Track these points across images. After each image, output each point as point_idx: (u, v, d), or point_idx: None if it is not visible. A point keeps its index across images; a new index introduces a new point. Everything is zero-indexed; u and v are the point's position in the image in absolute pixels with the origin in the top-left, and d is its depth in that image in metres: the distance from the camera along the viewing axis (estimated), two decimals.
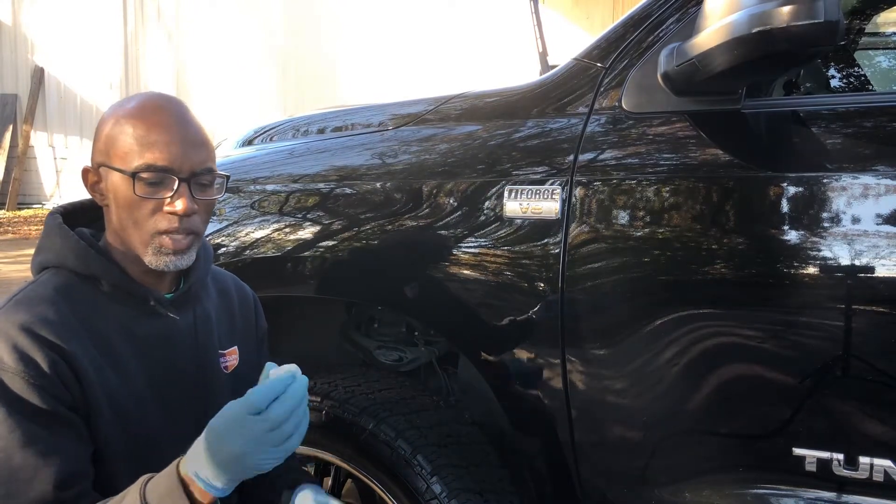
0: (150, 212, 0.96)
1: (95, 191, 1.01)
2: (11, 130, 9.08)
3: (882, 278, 0.99)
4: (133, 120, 0.97)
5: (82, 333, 0.94)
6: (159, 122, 0.96)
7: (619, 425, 1.17)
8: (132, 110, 0.98)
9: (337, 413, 1.38)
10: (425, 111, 1.42)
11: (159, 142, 0.95)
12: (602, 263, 1.14)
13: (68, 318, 0.94)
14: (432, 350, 1.54)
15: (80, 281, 0.98)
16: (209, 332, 1.10)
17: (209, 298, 1.13)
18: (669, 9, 1.18)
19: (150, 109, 0.98)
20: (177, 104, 1.01)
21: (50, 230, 1.02)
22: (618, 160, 1.17)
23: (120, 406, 0.95)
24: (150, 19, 9.10)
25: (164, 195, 0.96)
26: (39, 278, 1.00)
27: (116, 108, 1.00)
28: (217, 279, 1.18)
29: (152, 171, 0.95)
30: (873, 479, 1.02)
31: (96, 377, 0.93)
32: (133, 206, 0.96)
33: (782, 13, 0.91)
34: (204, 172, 0.99)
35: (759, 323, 1.07)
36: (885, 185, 1.00)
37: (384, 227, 1.33)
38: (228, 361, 1.13)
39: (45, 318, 0.92)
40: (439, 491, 1.28)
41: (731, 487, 1.11)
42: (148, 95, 1.01)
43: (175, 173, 0.96)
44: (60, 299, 0.95)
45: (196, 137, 0.99)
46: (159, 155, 0.95)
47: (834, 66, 2.22)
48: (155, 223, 0.97)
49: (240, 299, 1.20)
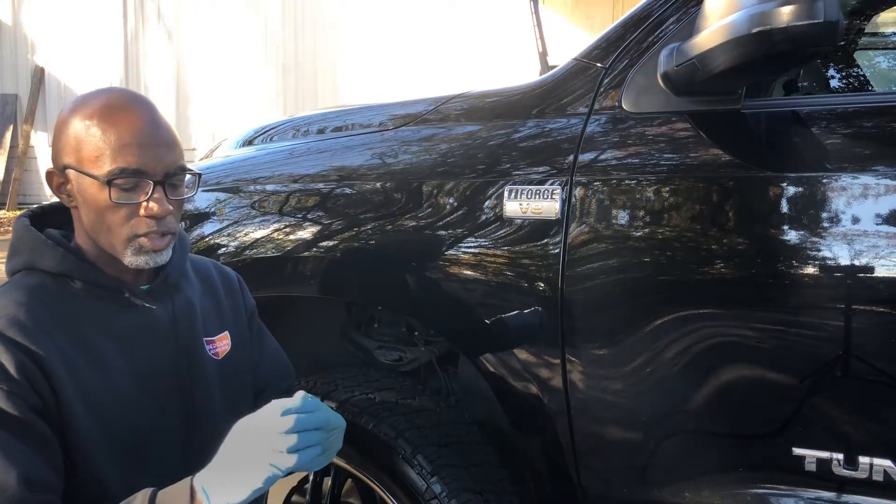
0: (126, 216, 0.94)
1: (62, 192, 0.98)
2: (12, 130, 9.08)
3: (882, 278, 0.99)
4: (101, 121, 0.93)
5: (56, 334, 0.92)
6: (129, 123, 0.93)
7: (619, 425, 1.17)
8: (99, 110, 0.94)
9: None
10: (425, 111, 1.42)
11: (132, 144, 0.92)
12: (602, 263, 1.14)
13: (41, 318, 0.92)
14: (432, 350, 1.54)
15: (53, 280, 0.96)
16: (192, 321, 1.08)
17: (191, 287, 1.11)
18: (669, 9, 1.18)
19: (119, 109, 0.94)
20: (145, 103, 0.98)
21: (18, 233, 1.00)
22: (618, 160, 1.17)
23: (99, 405, 0.93)
24: (150, 19, 9.09)
25: (138, 199, 0.94)
26: (9, 281, 0.98)
27: (79, 107, 0.96)
28: (197, 267, 1.16)
29: (126, 176, 0.93)
30: (873, 479, 1.02)
31: (70, 378, 0.91)
32: (108, 210, 0.94)
33: (782, 13, 0.91)
34: (177, 172, 0.97)
35: (758, 323, 1.07)
36: (885, 185, 1.00)
37: (384, 227, 1.33)
38: (218, 348, 1.11)
39: (15, 320, 0.90)
40: (439, 491, 1.28)
41: (731, 487, 1.11)
42: (113, 93, 0.97)
43: (150, 176, 0.94)
44: (33, 300, 0.93)
45: (167, 138, 0.96)
46: (132, 159, 0.92)
47: (834, 66, 2.22)
48: (132, 227, 0.95)
49: (223, 282, 1.18)
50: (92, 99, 0.96)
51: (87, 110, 0.94)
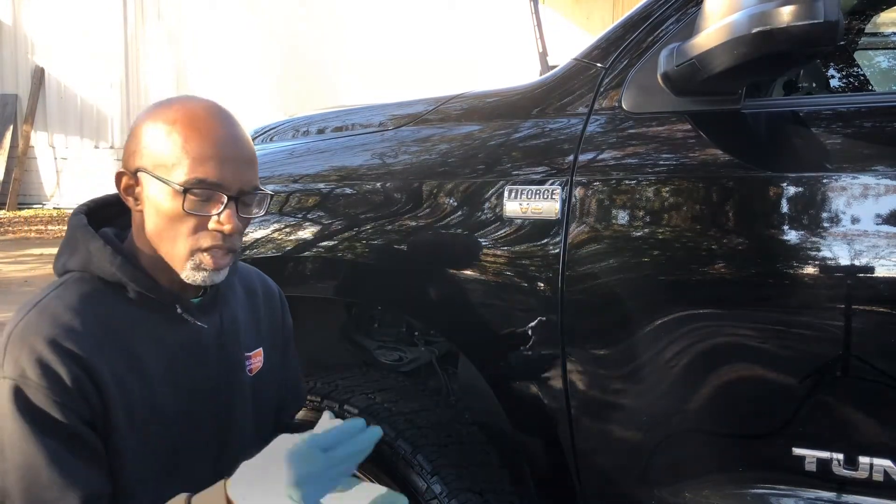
0: (194, 228, 0.93)
1: (129, 195, 0.96)
2: (12, 130, 9.08)
3: (882, 278, 0.99)
4: (183, 129, 0.91)
5: (107, 344, 0.90)
6: (212, 134, 0.92)
7: (619, 425, 1.17)
8: (181, 117, 0.92)
9: (337, 413, 1.38)
10: (425, 111, 1.42)
11: (212, 157, 0.91)
12: (602, 263, 1.14)
13: (93, 327, 0.90)
14: (432, 350, 1.54)
15: (105, 287, 0.94)
16: (236, 336, 1.06)
17: (236, 299, 1.09)
18: (669, 9, 1.18)
19: (203, 119, 0.92)
20: (228, 116, 0.96)
21: (74, 231, 0.97)
22: (618, 160, 1.17)
23: (141, 417, 0.92)
24: (150, 19, 9.10)
25: (210, 212, 0.92)
26: (63, 282, 0.95)
27: (159, 112, 0.94)
28: (243, 277, 1.14)
29: (204, 188, 0.91)
30: (873, 479, 1.02)
31: (118, 390, 0.90)
32: (177, 219, 0.92)
33: (782, 13, 0.91)
34: (251, 191, 0.96)
35: (758, 323, 1.07)
36: (885, 185, 1.00)
37: (384, 227, 1.33)
38: (253, 364, 1.09)
39: (70, 329, 0.88)
40: (439, 491, 1.28)
41: (731, 487, 1.11)
42: (197, 102, 0.95)
43: (225, 191, 0.92)
44: (85, 308, 0.91)
45: (247, 155, 0.95)
46: (211, 171, 0.91)
47: (834, 66, 2.22)
48: (197, 240, 0.93)
49: (265, 298, 1.16)
50: (175, 104, 0.94)
51: (169, 115, 0.93)
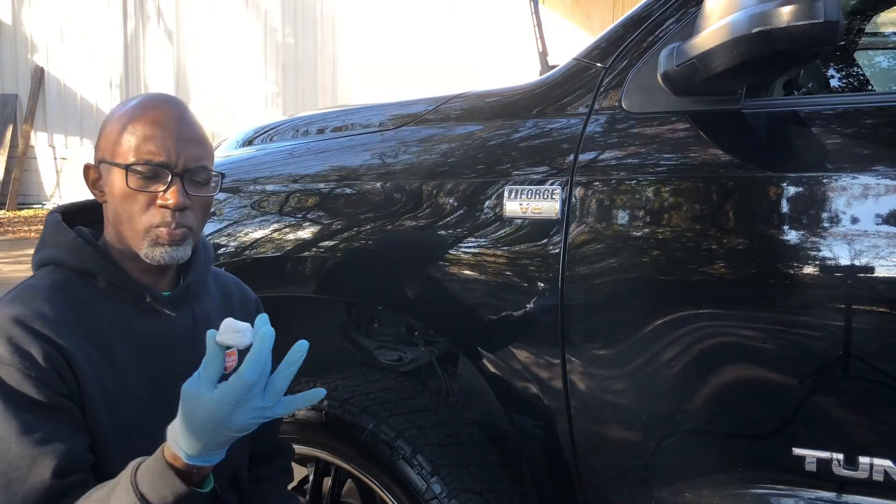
0: (144, 205, 0.98)
1: (96, 187, 1.03)
2: (11, 130, 9.08)
3: (882, 278, 0.99)
4: (133, 118, 0.99)
5: (78, 330, 0.95)
6: (157, 119, 0.99)
7: (619, 425, 1.17)
8: (133, 108, 1.01)
9: (337, 413, 1.38)
10: (425, 111, 1.42)
11: (155, 137, 0.98)
12: (602, 263, 1.14)
13: (64, 314, 0.95)
14: (432, 350, 1.54)
15: (77, 277, 1.00)
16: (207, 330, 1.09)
17: (210, 299, 1.14)
18: (669, 9, 1.18)
19: (150, 107, 1.00)
20: (176, 103, 1.03)
21: (49, 228, 1.04)
22: (618, 160, 1.17)
23: (115, 404, 0.96)
24: (150, 19, 9.10)
25: (156, 188, 0.98)
26: (37, 274, 1.01)
27: (119, 107, 1.03)
28: (219, 281, 1.19)
29: (146, 165, 0.97)
30: (873, 479, 1.02)
31: (92, 374, 0.93)
32: (127, 198, 0.98)
33: (782, 13, 0.91)
34: (198, 170, 1.01)
35: (758, 323, 1.07)
36: (885, 185, 1.00)
37: (384, 227, 1.33)
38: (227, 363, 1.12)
39: (41, 313, 0.93)
40: (439, 491, 1.28)
41: (731, 487, 1.10)
42: (150, 95, 1.04)
43: (169, 168, 0.98)
44: (57, 295, 0.96)
45: (193, 135, 1.01)
46: (154, 149, 0.97)
47: (834, 66, 2.22)
48: (149, 217, 0.98)
49: (241, 303, 1.20)
50: (132, 100, 1.03)
51: (124, 109, 1.02)
